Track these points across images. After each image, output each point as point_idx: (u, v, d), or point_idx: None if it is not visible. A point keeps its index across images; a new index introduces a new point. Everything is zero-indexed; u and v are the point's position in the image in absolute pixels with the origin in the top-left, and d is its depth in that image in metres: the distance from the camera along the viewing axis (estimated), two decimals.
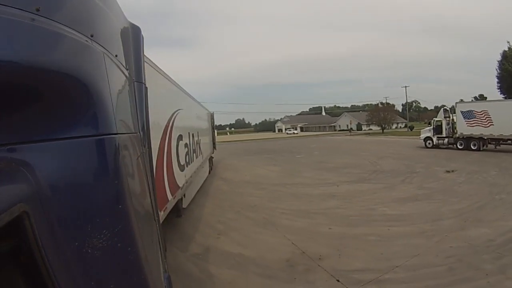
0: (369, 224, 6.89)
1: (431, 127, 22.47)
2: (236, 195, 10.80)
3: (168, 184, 5.53)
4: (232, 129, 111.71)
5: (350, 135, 53.49)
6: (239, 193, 11.09)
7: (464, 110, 19.95)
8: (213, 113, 18.59)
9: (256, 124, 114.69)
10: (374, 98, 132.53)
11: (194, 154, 9.38)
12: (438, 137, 21.63)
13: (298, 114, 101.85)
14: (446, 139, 21.22)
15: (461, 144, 20.15)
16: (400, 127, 65.76)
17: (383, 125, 54.27)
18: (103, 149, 0.76)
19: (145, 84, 1.29)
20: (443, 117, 21.60)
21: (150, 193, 1.15)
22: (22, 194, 0.56)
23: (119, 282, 0.77)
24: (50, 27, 0.63)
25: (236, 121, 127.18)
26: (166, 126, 5.83)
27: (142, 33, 1.33)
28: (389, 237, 6.07)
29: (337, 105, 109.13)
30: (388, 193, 9.52)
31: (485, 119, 18.96)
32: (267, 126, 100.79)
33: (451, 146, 20.92)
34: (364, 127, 65.90)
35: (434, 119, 22.90)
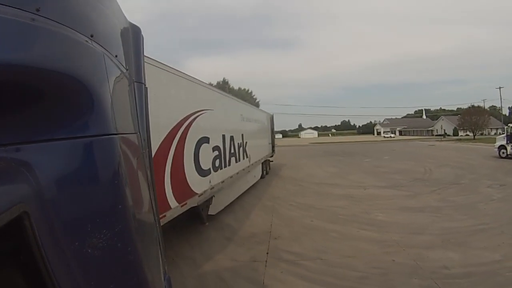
0: (347, 224, 7.16)
1: (505, 134, 18.62)
2: (273, 188, 11.96)
3: (172, 190, 5.13)
4: (334, 130, 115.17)
5: (441, 140, 47.45)
6: (276, 186, 12.15)
7: None
8: (272, 115, 18.09)
9: (359, 126, 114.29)
10: (480, 99, 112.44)
11: (233, 158, 8.76)
12: None
13: (403, 117, 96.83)
14: None
15: None
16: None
17: (474, 131, 48.23)
18: (103, 149, 0.76)
19: (145, 84, 1.29)
20: None
21: (150, 193, 1.15)
22: (22, 194, 0.56)
23: (119, 282, 0.77)
24: (50, 27, 0.63)
25: (341, 122, 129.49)
26: (176, 128, 5.50)
27: (142, 33, 1.33)
28: (348, 237, 6.27)
29: (442, 108, 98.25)
30: (402, 201, 9.19)
31: None
32: (370, 128, 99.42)
33: None
34: (461, 133, 57.11)
35: (509, 125, 18.56)
